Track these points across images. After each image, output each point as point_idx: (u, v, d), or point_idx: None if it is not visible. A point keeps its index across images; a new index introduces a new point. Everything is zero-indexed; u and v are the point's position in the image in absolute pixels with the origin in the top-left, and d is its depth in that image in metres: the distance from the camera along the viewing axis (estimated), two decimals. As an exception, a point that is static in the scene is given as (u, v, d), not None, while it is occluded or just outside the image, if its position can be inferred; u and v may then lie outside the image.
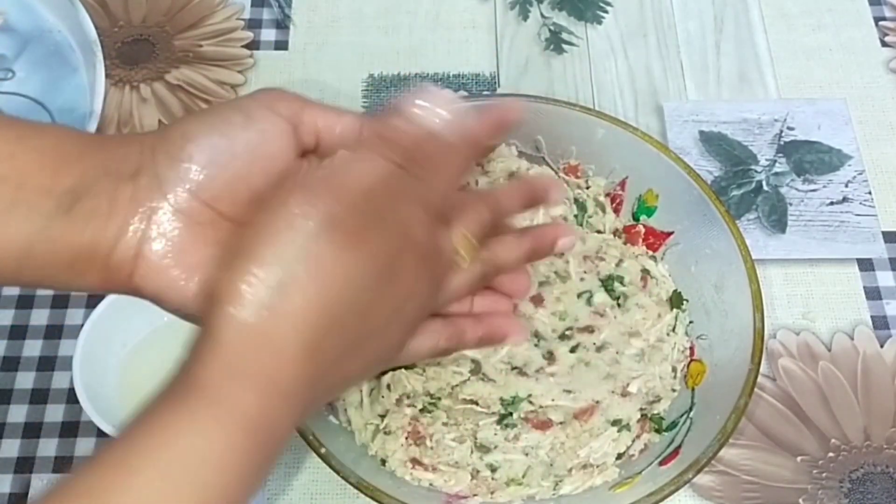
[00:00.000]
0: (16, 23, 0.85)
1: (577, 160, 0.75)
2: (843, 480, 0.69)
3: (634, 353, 0.69)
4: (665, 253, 0.73)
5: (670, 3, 0.92)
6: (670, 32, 0.91)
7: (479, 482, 0.65)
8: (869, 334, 0.75)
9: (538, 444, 0.66)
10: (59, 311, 0.74)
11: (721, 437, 0.60)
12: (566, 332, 0.70)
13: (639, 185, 0.73)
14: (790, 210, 0.80)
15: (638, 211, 0.74)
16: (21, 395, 0.71)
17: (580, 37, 0.90)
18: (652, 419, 0.67)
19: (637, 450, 0.66)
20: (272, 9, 0.91)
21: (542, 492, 0.64)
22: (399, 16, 0.91)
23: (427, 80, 0.87)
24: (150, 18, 0.90)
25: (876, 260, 0.78)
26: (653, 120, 0.85)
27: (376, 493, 0.59)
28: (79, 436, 0.69)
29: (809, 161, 0.83)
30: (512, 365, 0.68)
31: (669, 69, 0.88)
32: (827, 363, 0.73)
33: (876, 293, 0.77)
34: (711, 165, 0.82)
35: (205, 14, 0.91)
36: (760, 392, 0.72)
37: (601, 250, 0.73)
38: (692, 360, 0.69)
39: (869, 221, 0.80)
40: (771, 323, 0.74)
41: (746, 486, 0.68)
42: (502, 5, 0.92)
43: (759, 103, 0.86)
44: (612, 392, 0.68)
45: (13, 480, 0.67)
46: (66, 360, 0.70)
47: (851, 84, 0.88)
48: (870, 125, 0.85)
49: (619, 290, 0.72)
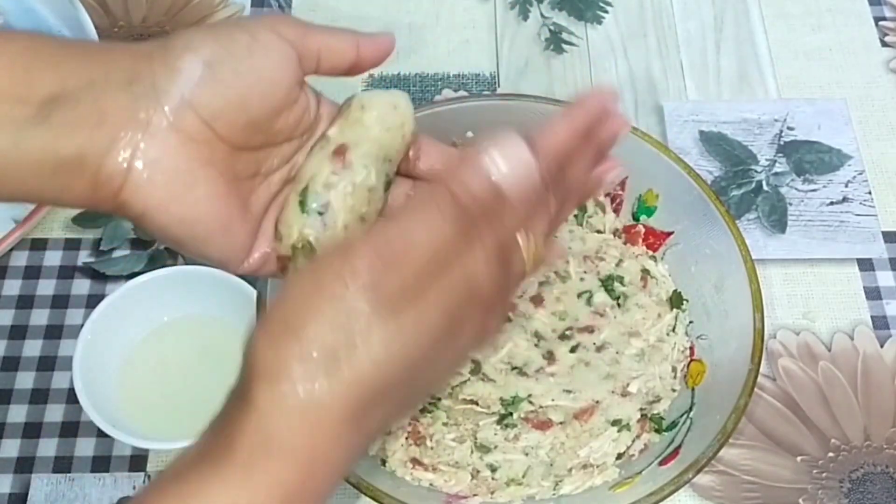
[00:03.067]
0: (16, 23, 0.85)
1: (577, 160, 0.74)
2: (843, 480, 0.69)
3: (634, 353, 0.69)
4: (665, 253, 0.73)
5: (670, 3, 0.92)
6: (670, 32, 0.91)
7: (479, 482, 0.65)
8: (869, 334, 0.75)
9: (538, 444, 0.66)
10: (59, 311, 0.74)
11: (721, 437, 0.60)
12: (566, 332, 0.70)
13: (639, 185, 0.73)
14: (790, 210, 0.80)
15: (638, 211, 0.74)
16: (21, 395, 0.71)
17: (580, 37, 0.90)
18: (652, 419, 0.67)
19: (637, 450, 0.66)
20: (272, 9, 0.91)
21: (542, 492, 0.64)
22: (399, 16, 0.91)
23: (427, 80, 0.87)
24: (150, 18, 0.90)
25: (876, 260, 0.78)
26: (653, 120, 0.85)
27: (376, 493, 0.59)
28: (79, 436, 0.69)
29: (809, 161, 0.83)
30: (512, 365, 0.68)
31: (669, 69, 0.88)
32: (827, 363, 0.73)
33: (876, 293, 0.77)
34: (711, 165, 0.82)
35: (205, 14, 0.91)
36: (760, 392, 0.72)
37: (601, 250, 0.73)
38: (692, 360, 0.69)
39: (869, 221, 0.80)
40: (771, 323, 0.74)
41: (746, 486, 0.68)
42: (502, 5, 0.92)
43: (759, 103, 0.86)
44: (612, 392, 0.68)
45: (13, 480, 0.67)
46: (66, 360, 0.70)
47: (851, 84, 0.88)
48: (870, 125, 0.85)
49: (619, 290, 0.72)
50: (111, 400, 0.66)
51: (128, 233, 0.77)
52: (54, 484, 0.67)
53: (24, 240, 0.75)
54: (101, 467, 0.68)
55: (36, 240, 0.77)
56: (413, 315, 0.41)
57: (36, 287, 0.75)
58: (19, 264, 0.76)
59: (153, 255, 0.77)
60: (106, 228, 0.78)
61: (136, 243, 0.77)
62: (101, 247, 0.77)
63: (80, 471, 0.68)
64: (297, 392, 0.39)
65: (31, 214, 0.73)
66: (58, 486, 0.67)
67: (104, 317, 0.67)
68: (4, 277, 0.76)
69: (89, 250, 0.77)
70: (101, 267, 0.76)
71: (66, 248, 0.77)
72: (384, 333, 0.40)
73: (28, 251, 0.77)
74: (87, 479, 0.67)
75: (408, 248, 0.42)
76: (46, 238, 0.77)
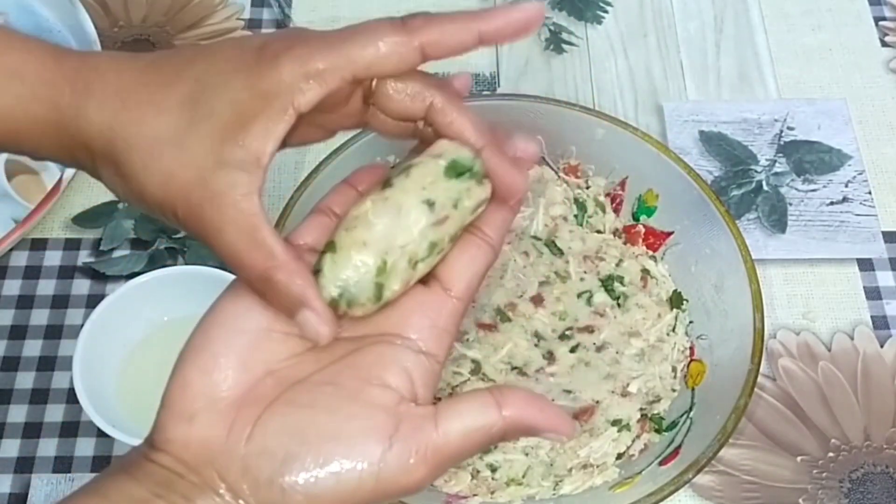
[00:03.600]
0: (16, 23, 0.85)
1: (577, 160, 0.75)
2: (843, 480, 0.69)
3: (634, 353, 0.69)
4: (665, 253, 0.73)
5: (670, 3, 0.92)
6: (670, 32, 0.91)
7: (479, 482, 0.65)
8: (869, 334, 0.75)
9: (538, 444, 0.65)
10: (59, 311, 0.74)
11: (721, 437, 0.60)
12: (566, 332, 0.70)
13: (639, 185, 0.73)
14: (790, 210, 0.80)
15: (638, 211, 0.74)
16: (21, 395, 0.71)
17: (580, 37, 0.90)
18: (652, 419, 0.67)
19: (637, 450, 0.66)
20: (272, 9, 0.91)
21: (542, 492, 0.64)
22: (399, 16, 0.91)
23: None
24: (150, 18, 0.90)
25: (876, 260, 0.78)
26: (653, 120, 0.85)
27: (376, 493, 0.59)
28: (79, 436, 0.69)
29: (809, 161, 0.83)
30: (512, 365, 0.68)
31: (669, 69, 0.88)
32: (827, 363, 0.73)
33: (876, 293, 0.77)
34: (711, 165, 0.82)
35: (205, 14, 0.91)
36: (760, 392, 0.72)
37: (601, 250, 0.74)
38: (692, 360, 0.69)
39: (869, 221, 0.80)
40: (771, 323, 0.74)
41: (746, 486, 0.68)
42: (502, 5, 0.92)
43: (759, 103, 0.86)
44: (612, 392, 0.68)
45: (13, 480, 0.67)
46: (66, 360, 0.70)
47: (851, 84, 0.88)
48: (870, 125, 0.85)
49: (619, 290, 0.72)
50: (111, 400, 0.66)
51: (128, 233, 0.78)
52: (54, 484, 0.67)
53: (24, 240, 0.75)
54: (101, 467, 0.68)
55: (36, 240, 0.77)
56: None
57: (36, 287, 0.75)
58: (19, 264, 0.76)
59: (153, 255, 0.77)
60: (106, 228, 0.78)
61: (136, 243, 0.77)
62: (101, 247, 0.77)
63: (80, 471, 0.68)
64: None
65: (31, 214, 0.73)
66: (58, 486, 0.67)
67: (104, 317, 0.67)
68: (4, 277, 0.76)
69: (89, 250, 0.77)
70: (101, 267, 0.76)
71: (66, 248, 0.77)
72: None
73: (28, 251, 0.77)
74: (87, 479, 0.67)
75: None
76: (46, 238, 0.77)
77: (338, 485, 0.40)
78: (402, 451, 0.41)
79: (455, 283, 0.45)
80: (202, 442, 0.41)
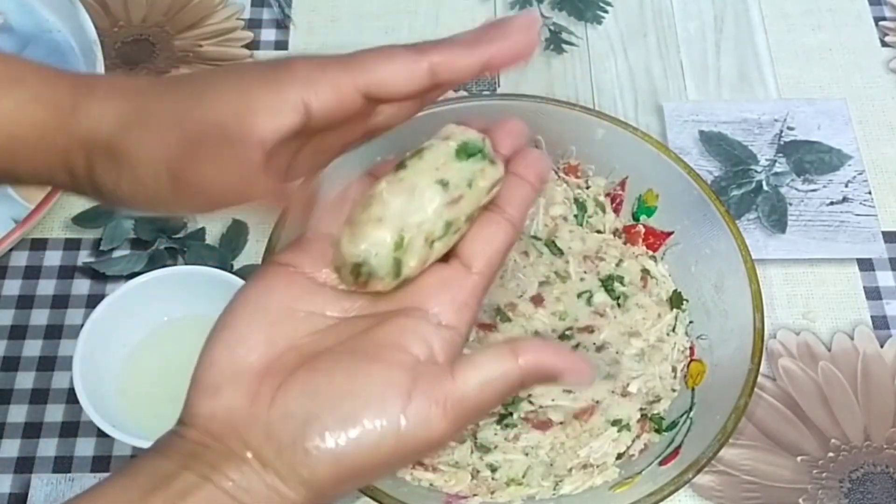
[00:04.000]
0: (16, 23, 0.85)
1: (577, 160, 0.75)
2: (843, 480, 0.69)
3: (634, 353, 0.69)
4: (665, 253, 0.73)
5: (670, 3, 0.92)
6: (670, 32, 0.91)
7: (479, 482, 0.65)
8: (869, 334, 0.75)
9: (538, 444, 0.66)
10: (59, 311, 0.74)
11: (721, 437, 0.60)
12: (566, 332, 0.70)
13: (639, 185, 0.73)
14: (790, 210, 0.80)
15: (638, 211, 0.74)
16: (21, 395, 0.71)
17: (580, 37, 0.90)
18: (652, 419, 0.67)
19: (637, 450, 0.66)
20: (272, 9, 0.91)
21: (542, 492, 0.64)
22: (399, 16, 0.91)
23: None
24: (150, 18, 0.90)
25: (876, 260, 0.78)
26: (653, 120, 0.85)
27: (376, 492, 0.59)
28: (79, 436, 0.69)
29: (809, 161, 0.83)
30: (512, 365, 0.68)
31: (669, 69, 0.88)
32: (827, 363, 0.73)
33: (876, 293, 0.77)
34: (711, 165, 0.82)
35: (205, 14, 0.91)
36: (760, 392, 0.72)
37: (601, 250, 0.74)
38: (692, 360, 0.69)
39: (869, 221, 0.80)
40: (771, 323, 0.74)
41: (746, 486, 0.68)
42: (502, 5, 0.92)
43: (759, 103, 0.86)
44: (612, 392, 0.68)
45: (13, 480, 0.67)
46: (66, 360, 0.70)
47: (851, 84, 0.88)
48: (870, 125, 0.85)
49: (619, 290, 0.72)
50: (111, 400, 0.66)
51: (128, 233, 0.78)
52: (54, 484, 0.67)
53: (24, 240, 0.75)
54: (101, 467, 0.68)
55: (36, 240, 0.77)
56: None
57: (36, 287, 0.75)
58: (19, 264, 0.76)
59: (153, 255, 0.77)
60: (106, 228, 0.78)
61: (136, 243, 0.77)
62: (101, 247, 0.77)
63: (80, 471, 0.68)
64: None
65: (31, 214, 0.73)
66: (58, 486, 0.67)
67: (104, 317, 0.67)
68: (4, 277, 0.76)
69: (89, 250, 0.77)
70: (101, 267, 0.76)
71: (66, 248, 0.77)
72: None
73: (28, 251, 0.77)
74: (87, 479, 0.67)
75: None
76: (46, 238, 0.77)
77: (359, 442, 0.40)
78: (421, 404, 0.41)
79: (475, 259, 0.45)
80: (227, 412, 0.41)
